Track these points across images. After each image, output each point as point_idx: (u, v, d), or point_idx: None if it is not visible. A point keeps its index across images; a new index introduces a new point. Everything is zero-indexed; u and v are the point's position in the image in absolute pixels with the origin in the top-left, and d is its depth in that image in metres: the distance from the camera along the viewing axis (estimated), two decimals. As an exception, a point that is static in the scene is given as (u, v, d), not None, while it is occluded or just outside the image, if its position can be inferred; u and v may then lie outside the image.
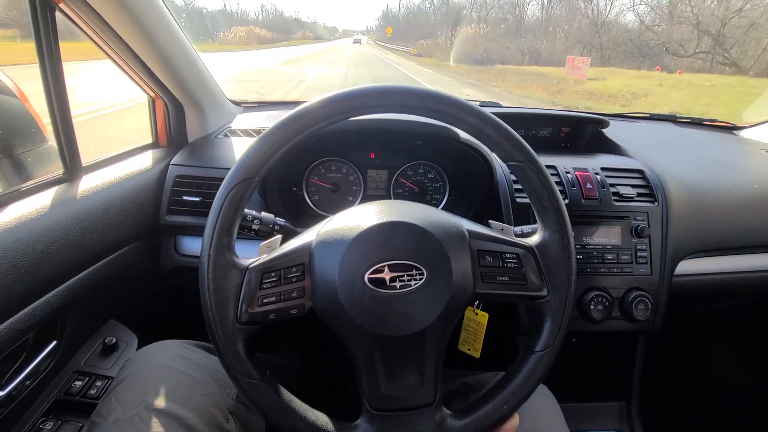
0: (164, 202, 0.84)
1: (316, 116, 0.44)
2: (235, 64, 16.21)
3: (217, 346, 0.43)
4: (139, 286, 0.89)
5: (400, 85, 0.46)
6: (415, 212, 0.46)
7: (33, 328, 0.59)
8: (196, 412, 0.54)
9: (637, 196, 0.83)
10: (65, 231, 0.63)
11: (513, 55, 23.00)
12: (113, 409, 0.52)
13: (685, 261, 0.86)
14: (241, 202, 0.44)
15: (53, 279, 0.62)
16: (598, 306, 0.78)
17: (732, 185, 0.92)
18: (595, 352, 1.07)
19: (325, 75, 13.65)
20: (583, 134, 1.08)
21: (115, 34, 0.70)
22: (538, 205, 0.48)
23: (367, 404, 0.45)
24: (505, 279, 0.46)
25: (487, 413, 0.46)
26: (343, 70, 15.62)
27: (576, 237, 0.81)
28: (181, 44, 0.83)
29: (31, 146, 0.70)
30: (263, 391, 0.44)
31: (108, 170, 0.77)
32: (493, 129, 0.46)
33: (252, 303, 0.43)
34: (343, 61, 21.38)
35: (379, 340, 0.43)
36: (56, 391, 0.68)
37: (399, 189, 0.96)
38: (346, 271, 0.42)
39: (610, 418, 1.07)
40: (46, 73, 0.62)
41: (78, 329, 0.72)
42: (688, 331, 1.18)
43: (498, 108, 1.18)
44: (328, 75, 13.71)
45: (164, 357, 0.59)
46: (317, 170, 0.94)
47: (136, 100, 1.22)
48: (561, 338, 0.47)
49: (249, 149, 0.44)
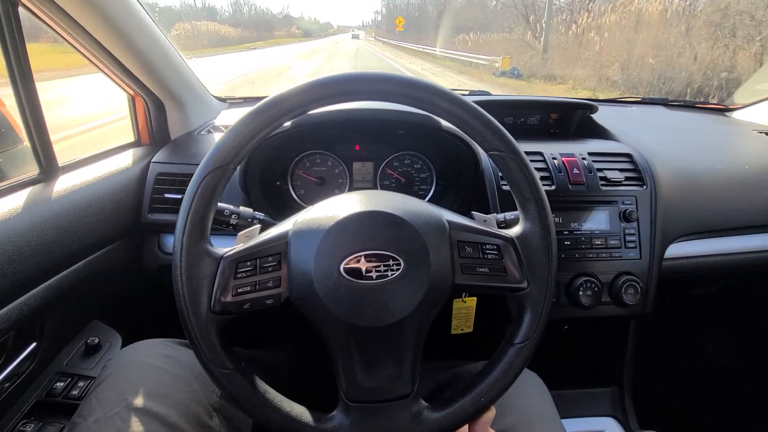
0: (146, 200, 0.83)
1: (293, 102, 0.44)
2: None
3: (191, 336, 0.43)
4: (123, 285, 0.88)
5: (377, 72, 0.45)
6: (394, 202, 0.46)
7: (10, 329, 0.58)
8: (177, 409, 0.53)
9: (625, 180, 0.82)
10: (41, 231, 0.62)
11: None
12: (94, 408, 0.52)
13: (675, 244, 0.86)
14: (215, 189, 0.43)
15: (29, 280, 0.61)
16: (587, 292, 0.77)
17: (722, 167, 0.91)
18: (585, 338, 1.06)
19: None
20: (572, 120, 1.07)
21: (84, 31, 0.68)
22: (519, 196, 0.47)
23: (343, 395, 0.45)
24: (485, 270, 0.46)
25: (464, 405, 0.45)
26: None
27: (563, 223, 0.80)
28: (156, 40, 0.81)
29: (3, 147, 0.69)
30: (237, 381, 0.43)
31: (86, 170, 0.76)
32: (472, 117, 0.45)
33: (226, 292, 0.43)
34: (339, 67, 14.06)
35: (356, 330, 0.42)
36: (37, 392, 0.67)
37: (386, 181, 0.95)
38: (322, 261, 0.42)
39: (602, 404, 1.06)
40: (13, 72, 0.61)
41: (59, 330, 0.71)
42: (679, 315, 1.18)
43: (487, 96, 1.16)
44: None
45: (146, 355, 0.59)
46: (302, 164, 0.93)
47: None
48: (540, 330, 0.47)
49: (224, 136, 0.44)
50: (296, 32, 53.28)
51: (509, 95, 1.23)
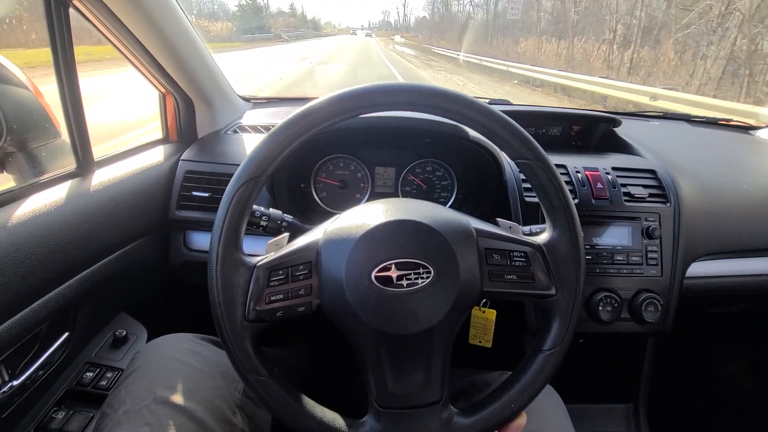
0: (174, 197, 0.85)
1: (324, 114, 0.44)
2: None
3: (226, 343, 0.44)
4: (149, 279, 0.90)
5: (408, 83, 0.45)
6: (423, 210, 0.46)
7: (46, 319, 0.60)
8: (203, 405, 0.54)
9: (649, 196, 0.82)
10: (78, 225, 0.64)
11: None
12: (123, 400, 0.53)
13: (697, 263, 0.85)
14: (248, 200, 0.44)
15: (66, 272, 0.63)
16: (607, 307, 0.77)
17: (747, 186, 0.90)
18: (603, 354, 1.06)
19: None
20: (594, 133, 1.07)
21: (127, 31, 0.70)
22: (547, 204, 0.48)
23: (373, 401, 0.45)
24: (513, 277, 0.46)
25: (494, 411, 0.45)
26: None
27: (585, 237, 0.80)
28: (191, 41, 0.83)
29: (44, 141, 0.71)
30: (271, 388, 0.44)
31: (119, 165, 0.78)
32: (501, 127, 0.45)
33: (260, 300, 0.43)
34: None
35: (386, 338, 0.43)
36: (68, 381, 0.69)
37: (407, 186, 0.95)
38: (353, 269, 0.42)
39: (617, 420, 1.06)
40: (60, 69, 0.63)
41: (89, 321, 0.73)
42: (698, 334, 1.16)
43: (508, 106, 1.17)
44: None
45: (173, 350, 0.60)
46: (325, 167, 0.94)
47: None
48: (569, 337, 0.47)
49: (256, 148, 0.44)
50: (284, 36, 37.48)
51: (531, 105, 1.23)
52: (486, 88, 9.19)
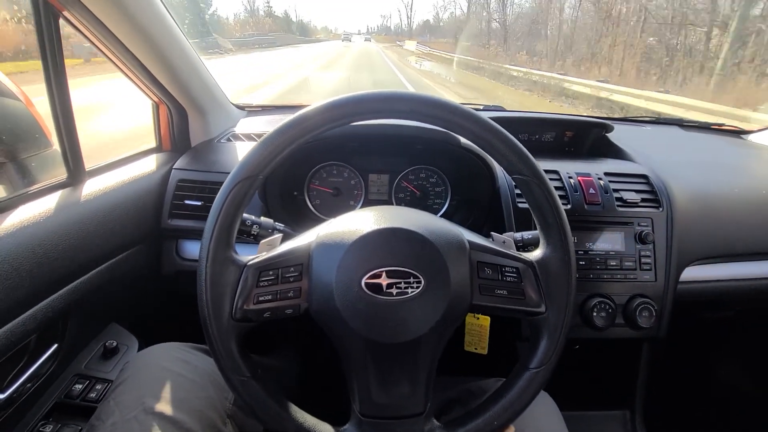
0: (166, 206, 0.85)
1: (317, 121, 0.44)
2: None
3: (211, 341, 0.43)
4: (141, 289, 0.89)
5: (403, 91, 0.45)
6: (417, 219, 0.46)
7: (35, 331, 0.59)
8: (193, 415, 0.54)
9: (642, 201, 0.82)
10: (67, 235, 0.63)
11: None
12: (111, 411, 0.53)
13: (691, 267, 0.85)
14: (243, 199, 0.44)
15: (55, 282, 0.62)
16: (601, 313, 0.77)
17: (739, 191, 0.91)
18: (598, 360, 1.05)
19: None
20: (586, 138, 1.07)
21: (118, 41, 0.70)
22: (542, 221, 0.48)
23: (356, 409, 0.45)
24: (504, 293, 0.46)
25: (476, 427, 0.45)
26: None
27: (579, 243, 0.80)
28: (183, 50, 0.84)
29: (35, 151, 0.71)
30: (253, 389, 0.44)
31: (111, 174, 0.78)
32: (499, 140, 0.45)
33: (248, 300, 0.43)
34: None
35: (373, 346, 0.43)
36: (56, 394, 0.68)
37: (400, 193, 0.95)
38: (344, 275, 0.42)
39: (613, 427, 1.05)
40: (50, 79, 0.63)
41: (79, 332, 0.73)
42: (693, 339, 1.16)
43: (501, 112, 1.17)
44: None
45: (163, 359, 0.60)
46: (319, 175, 0.94)
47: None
48: (557, 356, 0.47)
49: (251, 151, 0.45)
50: (268, 38, 31.19)
51: (524, 111, 1.23)
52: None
